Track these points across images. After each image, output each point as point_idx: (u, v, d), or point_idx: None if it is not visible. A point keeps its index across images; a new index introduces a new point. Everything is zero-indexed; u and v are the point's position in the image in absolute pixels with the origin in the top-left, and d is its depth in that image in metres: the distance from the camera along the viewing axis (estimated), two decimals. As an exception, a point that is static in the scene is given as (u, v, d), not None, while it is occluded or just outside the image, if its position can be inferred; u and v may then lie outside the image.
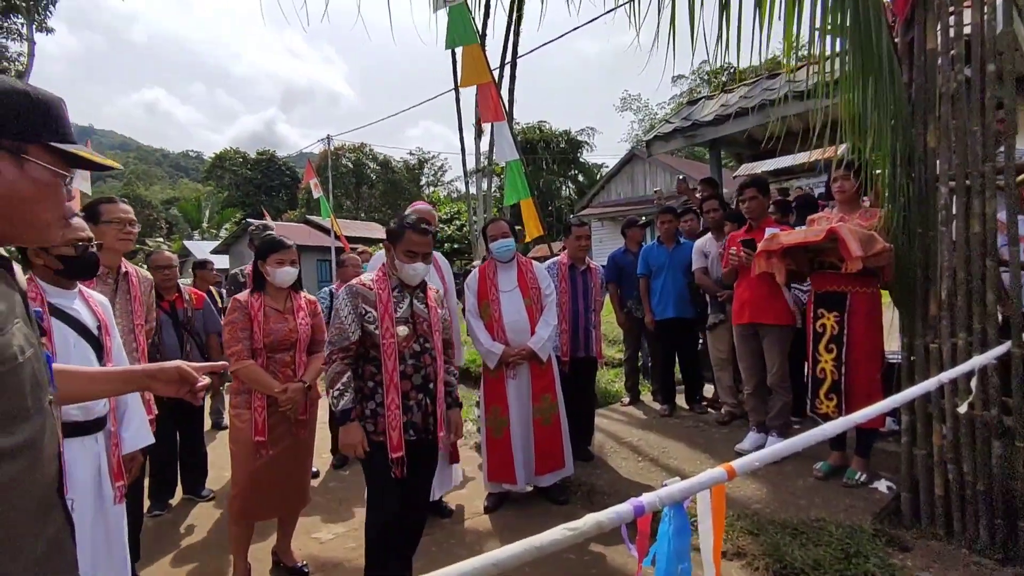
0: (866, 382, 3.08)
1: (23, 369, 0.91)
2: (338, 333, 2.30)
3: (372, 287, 2.34)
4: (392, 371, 2.27)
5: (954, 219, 2.61)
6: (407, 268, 2.34)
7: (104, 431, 1.95)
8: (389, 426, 2.26)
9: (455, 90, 9.82)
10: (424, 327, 2.39)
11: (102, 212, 2.55)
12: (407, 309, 2.37)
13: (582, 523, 1.14)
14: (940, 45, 2.65)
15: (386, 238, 2.41)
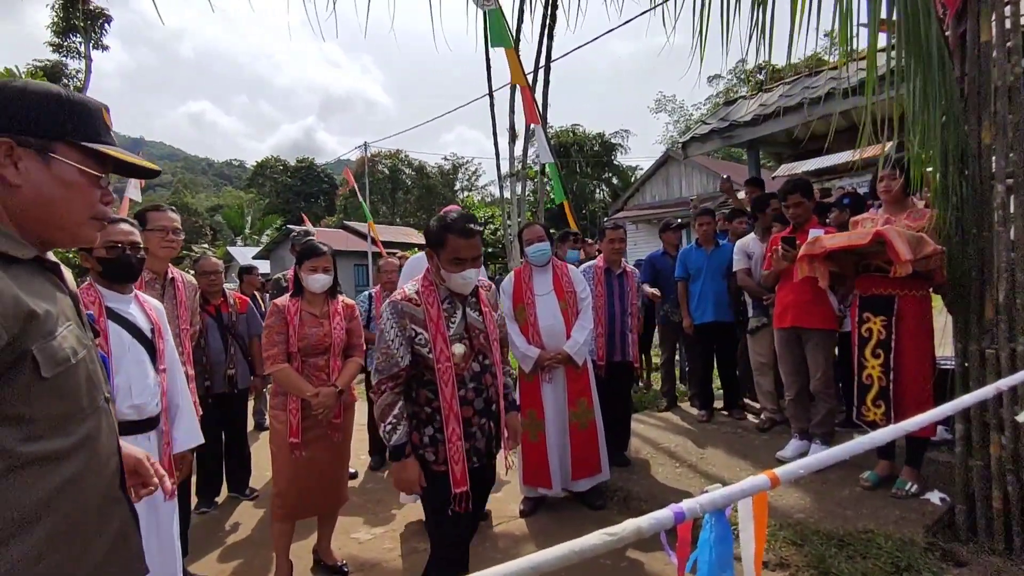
0: (916, 389, 2.96)
1: (77, 371, 0.94)
2: (385, 360, 1.98)
3: (419, 302, 2.01)
4: (451, 399, 1.98)
5: (1012, 219, 2.49)
6: (456, 278, 1.99)
7: (156, 430, 2.04)
8: (451, 459, 1.98)
9: (489, 95, 9.90)
10: (482, 340, 2.08)
11: (148, 219, 2.67)
12: (460, 322, 2.05)
13: (621, 528, 1.13)
14: (995, 37, 2.53)
15: (426, 244, 2.07)
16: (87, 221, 0.98)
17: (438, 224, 2.03)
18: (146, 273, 2.68)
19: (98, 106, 0.99)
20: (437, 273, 2.06)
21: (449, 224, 1.99)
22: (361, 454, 4.67)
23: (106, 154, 0.97)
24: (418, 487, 2.00)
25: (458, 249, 1.97)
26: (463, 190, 43.40)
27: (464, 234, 1.97)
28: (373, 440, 4.60)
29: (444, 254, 1.99)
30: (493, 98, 10.29)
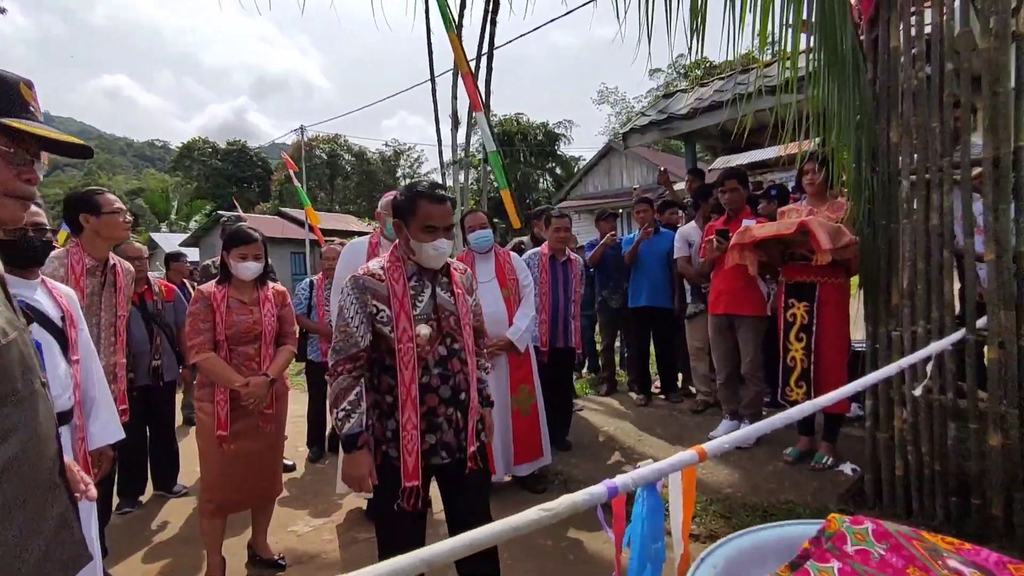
0: (833, 369, 3.19)
1: (9, 352, 0.91)
2: (343, 339, 1.83)
3: (384, 277, 1.86)
4: (410, 383, 1.83)
5: (915, 212, 2.71)
6: (427, 248, 1.85)
7: (70, 425, 1.91)
8: (404, 450, 1.83)
9: (431, 80, 9.74)
10: (451, 323, 1.92)
11: (101, 204, 2.58)
12: (428, 302, 1.90)
13: (557, 504, 1.16)
14: (902, 44, 2.73)
15: (394, 215, 1.93)
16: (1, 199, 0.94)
17: (408, 191, 1.91)
18: (88, 260, 2.57)
19: (15, 79, 0.95)
20: (406, 245, 1.91)
21: (420, 190, 1.88)
22: (299, 445, 4.56)
23: (21, 130, 0.93)
24: (369, 482, 1.84)
25: (430, 216, 1.84)
26: (405, 177, 42.64)
27: (436, 200, 1.86)
28: (311, 431, 4.50)
29: (414, 222, 1.86)
30: (435, 84, 10.13)
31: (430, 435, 1.88)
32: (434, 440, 1.88)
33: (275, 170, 39.37)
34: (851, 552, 0.91)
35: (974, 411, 2.54)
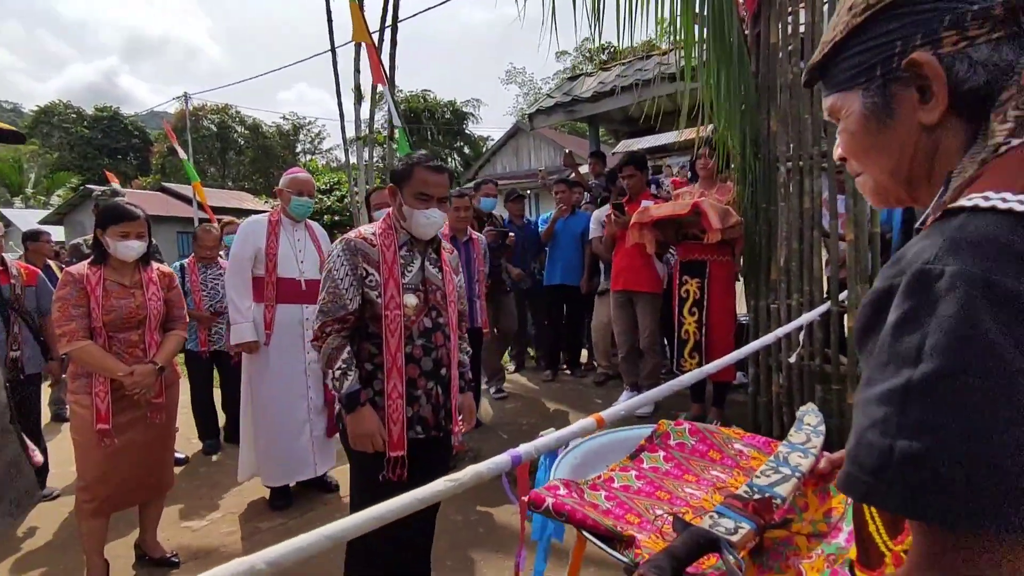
0: (722, 341, 3.46)
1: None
2: (332, 300, 1.81)
3: (375, 242, 1.86)
4: (396, 351, 1.82)
5: (791, 195, 2.98)
6: (419, 216, 1.86)
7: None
8: (389, 419, 1.82)
9: (332, 51, 9.26)
10: (438, 297, 1.93)
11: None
12: (417, 274, 1.91)
13: (462, 474, 1.18)
14: (780, 40, 2.97)
15: (391, 181, 1.96)
16: None
17: (406, 160, 1.95)
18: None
19: None
20: (399, 211, 1.92)
21: (418, 158, 1.90)
22: (192, 437, 4.27)
23: None
24: (379, 439, 1.81)
25: (425, 183, 1.86)
26: (305, 153, 40.44)
27: (433, 169, 1.88)
28: (202, 424, 4.22)
29: (409, 188, 1.87)
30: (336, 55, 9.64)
31: (407, 407, 1.86)
32: (410, 413, 1.86)
33: (155, 141, 35.85)
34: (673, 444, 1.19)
35: (837, 374, 2.88)
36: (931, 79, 0.55)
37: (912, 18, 0.56)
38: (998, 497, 0.43)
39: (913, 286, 0.49)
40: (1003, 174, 0.51)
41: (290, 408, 3.04)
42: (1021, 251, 0.45)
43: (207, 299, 4.11)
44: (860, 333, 0.56)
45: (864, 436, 0.49)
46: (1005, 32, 0.53)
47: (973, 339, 0.44)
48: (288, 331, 3.05)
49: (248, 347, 3.01)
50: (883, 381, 0.49)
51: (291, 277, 3.07)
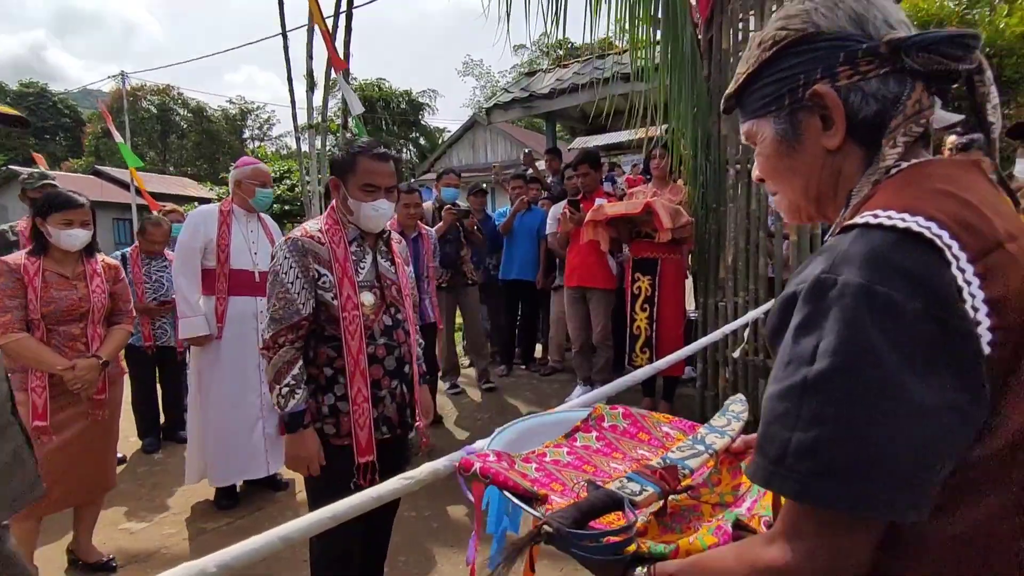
0: (672, 336, 3.56)
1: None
2: (284, 306, 1.68)
3: (323, 240, 1.75)
4: (358, 353, 1.73)
5: (739, 197, 3.10)
6: (366, 208, 1.76)
7: None
8: (356, 424, 1.74)
9: (283, 35, 8.96)
10: (394, 292, 1.86)
11: None
12: (371, 269, 1.82)
13: (418, 472, 1.18)
14: (732, 46, 3.07)
15: (331, 172, 1.84)
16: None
17: (348, 148, 1.83)
18: None
19: None
20: (343, 205, 1.80)
21: (361, 147, 1.79)
22: (130, 436, 4.08)
23: None
24: (317, 464, 1.72)
25: (370, 173, 1.76)
26: (253, 139, 39.03)
27: (378, 157, 1.78)
28: (142, 421, 4.04)
29: (353, 180, 1.76)
30: (287, 39, 9.33)
31: (373, 409, 1.79)
32: (376, 414, 1.80)
33: (88, 121, 33.79)
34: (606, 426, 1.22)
35: (777, 368, 3.02)
36: (831, 108, 0.62)
37: (813, 54, 0.63)
38: (875, 483, 0.49)
39: (810, 293, 0.54)
40: (891, 193, 0.58)
41: (243, 404, 2.95)
42: (899, 263, 0.51)
43: (150, 292, 3.92)
44: (771, 334, 0.62)
45: (769, 428, 0.55)
46: (891, 68, 0.60)
47: (857, 342, 0.50)
48: (241, 324, 2.95)
49: (200, 341, 2.90)
50: (785, 379, 0.54)
51: (245, 269, 2.98)
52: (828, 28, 0.63)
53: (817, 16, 0.64)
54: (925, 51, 0.58)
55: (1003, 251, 0.53)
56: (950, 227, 0.52)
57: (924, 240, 0.52)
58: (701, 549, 0.72)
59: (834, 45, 0.62)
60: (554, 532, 0.72)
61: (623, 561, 0.70)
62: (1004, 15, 6.04)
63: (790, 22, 0.66)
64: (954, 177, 0.59)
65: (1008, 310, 0.51)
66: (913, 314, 0.49)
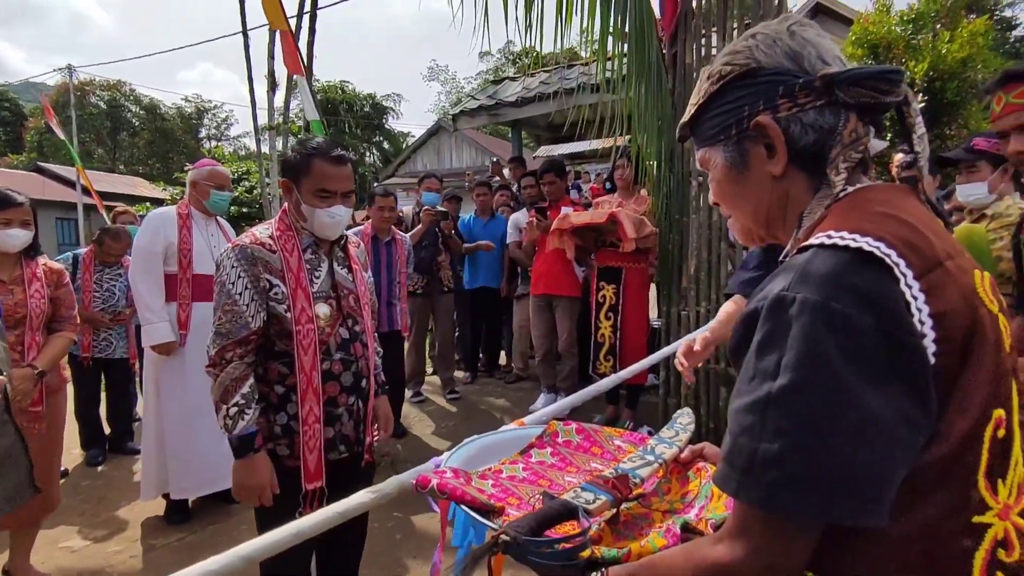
0: (636, 345, 3.61)
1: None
2: (231, 319, 1.55)
3: (274, 247, 1.62)
4: (311, 370, 1.61)
5: (702, 208, 3.17)
6: (322, 215, 1.64)
7: None
8: (306, 447, 1.61)
9: (243, 34, 8.75)
10: (351, 302, 1.74)
11: None
12: (326, 279, 1.70)
13: (385, 485, 1.16)
14: (695, 61, 3.15)
15: (282, 174, 1.72)
16: None
17: (301, 149, 1.69)
18: None
19: None
20: (296, 211, 1.68)
21: (315, 148, 1.66)
22: (72, 448, 3.86)
23: None
24: (269, 493, 1.57)
25: (325, 178, 1.63)
26: (210, 139, 37.83)
27: (334, 161, 1.65)
28: (86, 432, 3.84)
29: (307, 184, 1.64)
30: (248, 38, 9.13)
31: (328, 428, 1.67)
32: (332, 434, 1.67)
33: (31, 115, 32.14)
34: (560, 442, 1.27)
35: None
36: (773, 138, 0.67)
37: (755, 88, 0.68)
38: (837, 491, 0.52)
39: (771, 311, 0.57)
40: (840, 216, 0.62)
41: (209, 413, 2.82)
42: (852, 281, 0.54)
43: (99, 301, 3.70)
44: (734, 349, 0.65)
45: (736, 440, 0.57)
46: (826, 100, 0.65)
47: (815, 357, 0.53)
48: (205, 331, 2.81)
49: (166, 348, 2.77)
50: (750, 393, 0.57)
51: (207, 273, 2.87)
52: (768, 64, 0.68)
53: (758, 53, 0.69)
54: (855, 85, 0.63)
55: (943, 269, 0.57)
56: (897, 247, 0.56)
57: (875, 259, 0.56)
58: (652, 551, 0.75)
59: (774, 79, 0.67)
60: (511, 540, 0.73)
61: (578, 566, 0.72)
62: (946, 41, 6.39)
63: (735, 58, 0.70)
64: (894, 201, 0.64)
65: (949, 323, 0.55)
66: (866, 329, 0.53)
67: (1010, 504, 0.58)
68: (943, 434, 0.55)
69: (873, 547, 0.56)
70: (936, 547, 0.56)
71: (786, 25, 0.69)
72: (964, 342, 0.56)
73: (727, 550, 0.58)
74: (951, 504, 0.56)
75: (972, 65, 6.40)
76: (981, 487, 0.56)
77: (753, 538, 0.56)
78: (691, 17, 3.12)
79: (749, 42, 0.70)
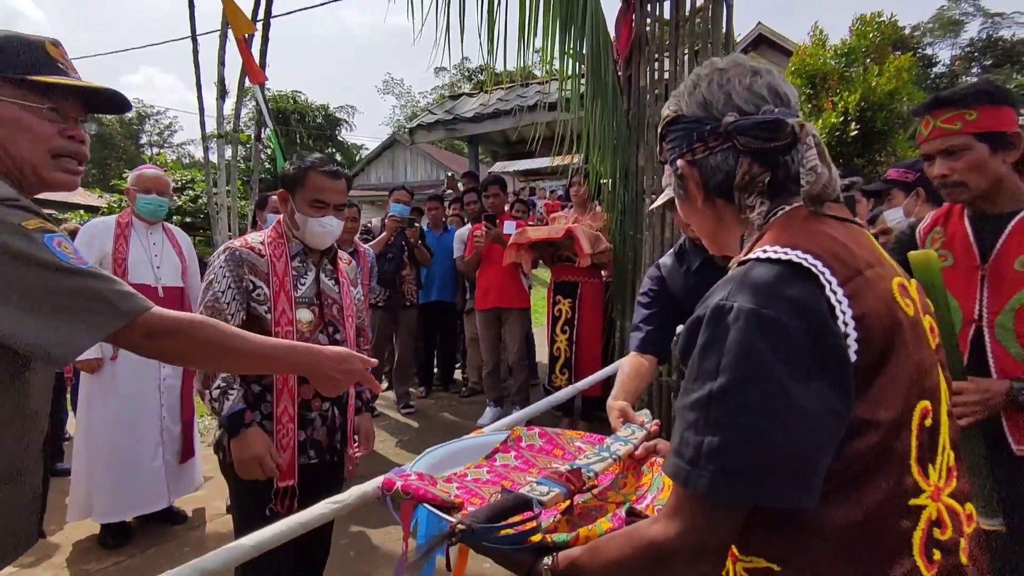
0: (591, 358, 3.68)
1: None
2: (210, 315, 1.60)
3: (263, 252, 1.70)
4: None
5: (654, 226, 3.29)
6: (314, 224, 1.72)
7: None
8: (279, 445, 1.65)
9: (192, 39, 8.51)
10: (334, 312, 1.80)
11: None
12: (311, 286, 1.76)
13: (347, 496, 1.16)
14: (648, 84, 3.29)
15: (281, 186, 1.80)
16: (47, 160, 0.96)
17: (299, 163, 1.78)
18: None
19: (39, 40, 0.98)
20: (290, 219, 1.76)
21: (313, 162, 1.75)
22: None
23: (54, 85, 0.95)
24: (270, 462, 1.61)
25: (320, 189, 1.72)
26: (152, 145, 36.35)
27: (329, 174, 1.74)
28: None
29: (302, 195, 1.72)
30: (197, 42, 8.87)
31: (300, 431, 1.71)
32: (303, 437, 1.71)
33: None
34: (524, 446, 1.30)
35: (688, 387, 3.20)
36: (687, 179, 0.78)
37: (678, 133, 0.78)
38: (772, 478, 0.58)
39: (712, 318, 0.63)
40: (775, 233, 0.70)
41: (139, 430, 2.70)
42: (783, 290, 0.61)
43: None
44: (681, 353, 0.71)
45: (683, 434, 0.63)
46: (730, 144, 0.73)
47: (750, 358, 0.59)
48: None
49: (88, 366, 2.63)
50: (695, 392, 0.63)
51: (145, 284, 2.75)
52: (687, 112, 0.77)
53: (681, 102, 0.78)
54: (741, 134, 0.71)
55: (863, 277, 0.65)
56: (823, 258, 0.64)
57: (803, 269, 0.63)
58: (599, 535, 0.80)
59: (689, 126, 0.76)
60: (466, 528, 0.79)
61: (529, 550, 0.78)
62: (875, 75, 6.88)
63: (670, 104, 0.80)
64: (818, 220, 0.72)
65: (869, 324, 0.62)
66: (795, 332, 0.60)
67: (940, 486, 0.65)
68: (871, 423, 0.61)
69: (824, 535, 0.62)
70: (879, 530, 0.62)
71: (715, 67, 0.76)
72: (884, 341, 0.63)
73: (662, 528, 0.64)
74: (889, 489, 0.62)
75: (899, 97, 6.91)
76: (914, 472, 0.63)
77: (687, 519, 0.62)
78: (645, 43, 3.25)
79: (679, 90, 0.80)
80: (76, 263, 0.86)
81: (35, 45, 0.97)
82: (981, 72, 33.13)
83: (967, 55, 34.87)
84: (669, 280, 1.86)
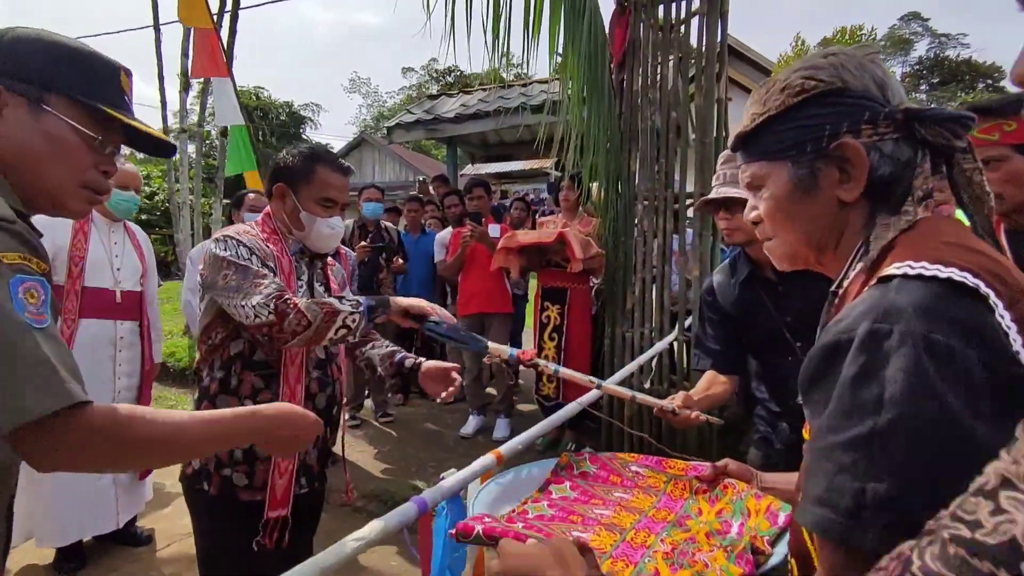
0: (579, 366, 3.59)
1: None
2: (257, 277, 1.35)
3: (269, 247, 1.47)
4: (295, 383, 1.46)
5: (645, 232, 3.24)
6: (322, 225, 1.52)
7: None
8: (276, 471, 1.45)
9: (155, 28, 8.14)
10: None
11: None
12: (305, 292, 1.58)
13: (368, 531, 1.05)
14: (640, 88, 3.24)
15: (278, 178, 1.54)
16: (75, 189, 0.91)
17: (303, 153, 1.54)
18: None
19: (116, 67, 0.94)
20: (292, 218, 1.52)
21: (321, 154, 1.53)
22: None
23: (112, 118, 0.90)
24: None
25: (330, 186, 1.51)
26: (105, 139, 34.81)
27: (340, 170, 1.54)
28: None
29: (308, 191, 1.50)
30: (160, 33, 8.50)
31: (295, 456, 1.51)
32: (296, 463, 1.51)
33: None
34: (576, 474, 1.29)
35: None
36: (852, 161, 0.65)
37: (839, 108, 0.66)
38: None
39: (866, 343, 0.54)
40: (913, 246, 0.61)
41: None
42: (951, 313, 0.53)
43: None
44: (808, 382, 0.61)
45: (834, 480, 0.53)
46: (903, 134, 0.65)
47: (923, 390, 0.50)
48: (94, 351, 2.49)
49: None
50: (847, 429, 0.53)
51: (102, 287, 2.54)
52: (856, 86, 0.66)
53: (845, 73, 0.66)
54: (937, 125, 0.63)
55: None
56: (983, 277, 0.55)
57: (968, 290, 0.54)
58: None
59: (860, 103, 0.65)
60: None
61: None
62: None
63: (818, 73, 0.67)
64: (960, 232, 0.63)
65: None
66: (971, 361, 0.51)
67: None
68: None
69: None
70: None
71: (865, 53, 0.68)
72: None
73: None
74: None
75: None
76: None
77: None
78: (639, 46, 3.21)
79: (832, 60, 0.68)
80: (30, 319, 0.71)
81: (112, 71, 0.94)
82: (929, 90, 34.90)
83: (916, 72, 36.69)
84: (721, 298, 1.79)
